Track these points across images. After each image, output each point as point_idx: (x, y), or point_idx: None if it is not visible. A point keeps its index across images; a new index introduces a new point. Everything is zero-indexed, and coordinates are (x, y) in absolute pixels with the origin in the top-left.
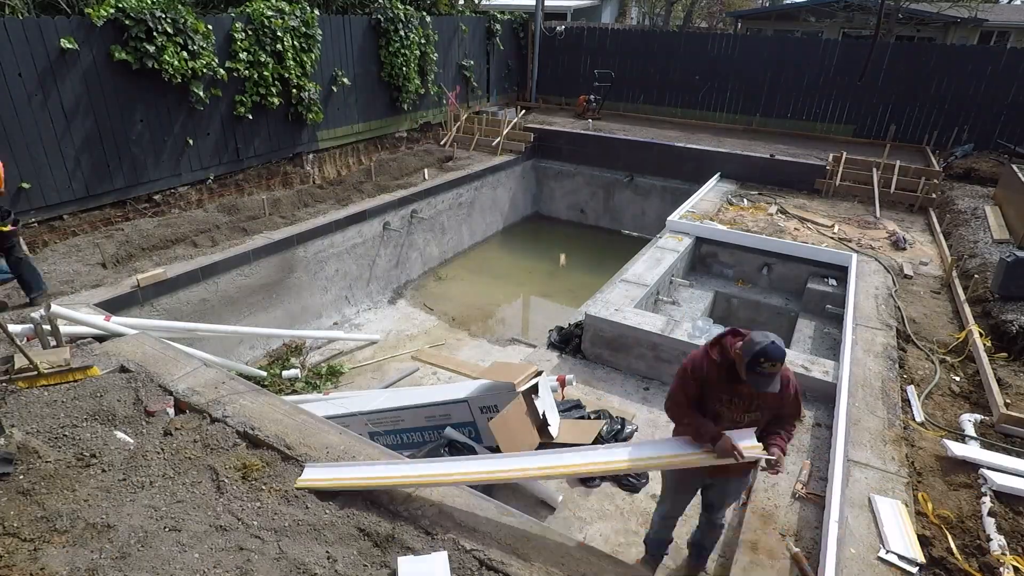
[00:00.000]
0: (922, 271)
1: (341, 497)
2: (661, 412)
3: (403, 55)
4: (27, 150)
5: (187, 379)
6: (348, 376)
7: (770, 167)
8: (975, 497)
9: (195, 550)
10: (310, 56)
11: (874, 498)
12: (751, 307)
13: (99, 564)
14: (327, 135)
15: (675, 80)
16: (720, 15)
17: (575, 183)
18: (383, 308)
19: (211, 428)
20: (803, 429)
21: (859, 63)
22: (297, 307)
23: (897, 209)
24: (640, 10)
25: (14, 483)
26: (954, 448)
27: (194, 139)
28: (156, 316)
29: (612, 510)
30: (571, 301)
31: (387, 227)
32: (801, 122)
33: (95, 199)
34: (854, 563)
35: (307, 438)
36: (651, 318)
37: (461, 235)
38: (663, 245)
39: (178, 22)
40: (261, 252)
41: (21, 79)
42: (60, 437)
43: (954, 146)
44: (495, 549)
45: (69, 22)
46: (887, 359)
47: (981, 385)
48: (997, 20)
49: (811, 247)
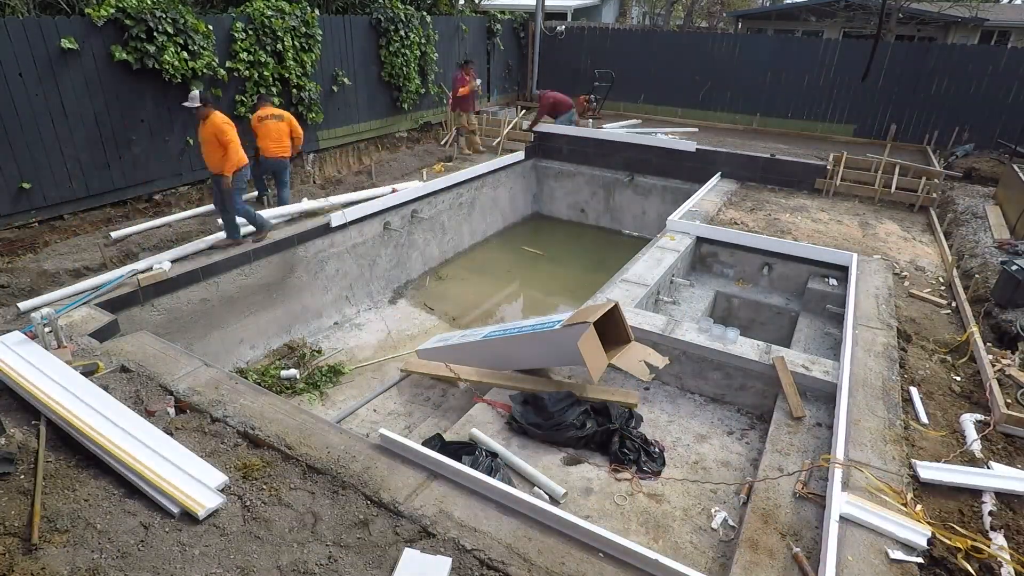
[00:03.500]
0: (922, 271)
1: (342, 496)
2: (662, 412)
3: (403, 55)
4: (28, 150)
5: (187, 379)
6: (348, 376)
7: (771, 167)
8: (975, 497)
9: (195, 549)
10: (310, 56)
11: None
12: (751, 307)
13: (100, 564)
14: (327, 135)
15: (676, 80)
16: (720, 15)
17: (575, 183)
18: (384, 308)
19: (212, 428)
20: (803, 429)
21: (860, 63)
22: (298, 307)
23: (898, 209)
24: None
25: (14, 483)
26: (923, 471)
27: (194, 139)
28: (156, 316)
29: (612, 509)
30: (571, 301)
31: (387, 227)
32: (802, 122)
33: (96, 199)
34: (854, 563)
35: (308, 438)
36: (651, 318)
37: (461, 235)
38: (663, 245)
39: (178, 22)
40: (261, 252)
41: (22, 79)
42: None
43: (955, 146)
44: (496, 549)
45: (69, 22)
46: (888, 359)
47: (981, 385)
48: (998, 20)
49: (811, 247)
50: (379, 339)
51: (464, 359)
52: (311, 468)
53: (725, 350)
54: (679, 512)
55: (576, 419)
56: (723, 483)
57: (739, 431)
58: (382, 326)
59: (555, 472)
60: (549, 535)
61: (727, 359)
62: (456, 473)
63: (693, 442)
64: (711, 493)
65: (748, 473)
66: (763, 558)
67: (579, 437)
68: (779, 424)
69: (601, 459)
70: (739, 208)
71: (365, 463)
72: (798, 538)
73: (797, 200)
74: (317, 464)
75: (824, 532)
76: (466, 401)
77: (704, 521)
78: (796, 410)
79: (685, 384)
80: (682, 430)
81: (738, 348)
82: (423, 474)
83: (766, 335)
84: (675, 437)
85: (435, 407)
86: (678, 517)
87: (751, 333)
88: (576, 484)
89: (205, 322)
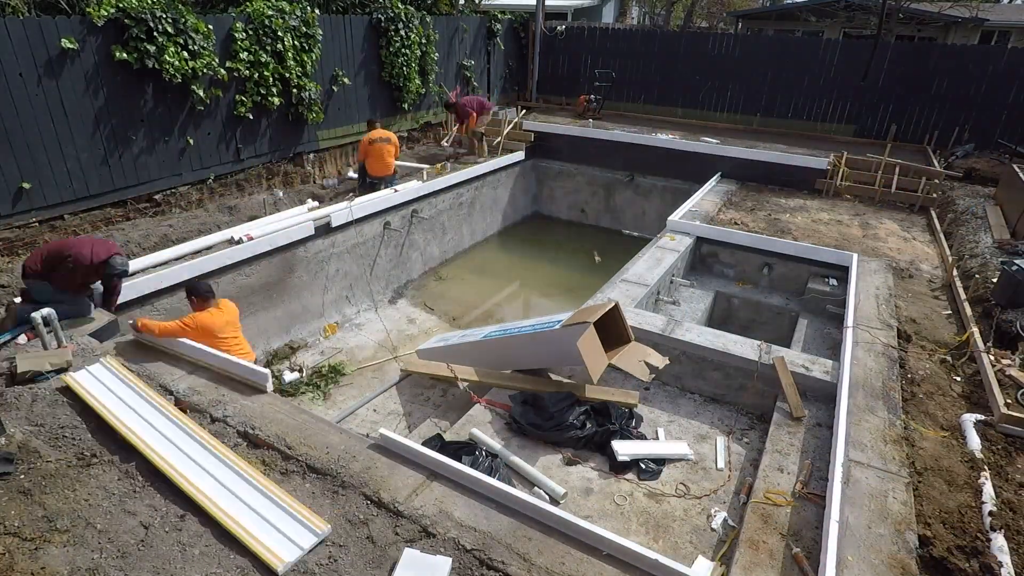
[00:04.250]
0: (923, 271)
1: (342, 496)
2: (662, 412)
3: (404, 55)
4: (28, 149)
5: (188, 379)
6: (349, 377)
7: (771, 167)
8: (976, 497)
9: (196, 548)
10: (310, 56)
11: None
12: (751, 307)
13: (100, 564)
14: (328, 135)
15: (676, 80)
16: (721, 15)
17: (575, 183)
18: (384, 308)
19: (212, 428)
20: (803, 429)
21: (860, 63)
22: (298, 307)
23: (898, 209)
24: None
25: (15, 483)
26: None
27: (194, 139)
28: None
29: (612, 509)
30: (571, 301)
31: (388, 227)
32: (802, 122)
33: (96, 199)
34: (854, 563)
35: (308, 438)
36: (652, 318)
37: (461, 235)
38: (664, 245)
39: (178, 22)
40: (262, 252)
41: (22, 79)
42: (61, 437)
43: (955, 146)
44: (496, 549)
45: (70, 22)
46: (887, 359)
47: (981, 385)
48: (998, 20)
49: (811, 247)
50: (379, 339)
51: (464, 359)
52: (311, 468)
53: (725, 350)
54: (679, 512)
55: (576, 419)
56: (723, 483)
57: (739, 431)
58: (382, 326)
59: (555, 472)
60: (549, 535)
61: (727, 359)
62: (456, 473)
63: (693, 442)
64: (711, 493)
65: (748, 473)
66: (763, 558)
67: (579, 437)
68: (779, 424)
69: (601, 459)
70: (739, 208)
71: (365, 463)
72: (798, 538)
73: (797, 200)
74: (317, 464)
75: (824, 532)
76: (466, 401)
77: (704, 521)
78: (796, 410)
79: (685, 384)
80: (682, 430)
81: (738, 348)
82: (423, 474)
83: (766, 335)
84: (675, 437)
85: (435, 407)
86: (678, 517)
87: (751, 333)
88: (576, 484)
89: None
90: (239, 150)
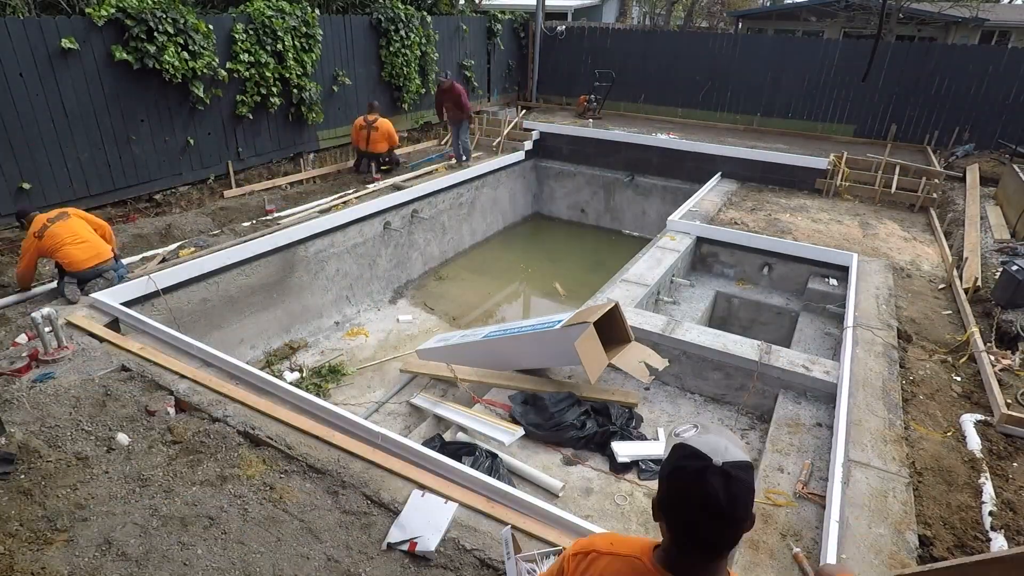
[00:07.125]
0: (923, 270)
1: (342, 496)
2: (662, 412)
3: (404, 55)
4: (28, 150)
5: (188, 378)
6: (349, 377)
7: (771, 167)
8: (976, 497)
9: (196, 548)
10: (311, 56)
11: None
12: (752, 307)
13: (100, 564)
14: (328, 135)
15: (676, 80)
16: (721, 15)
17: (576, 183)
18: (384, 307)
19: (212, 428)
20: (803, 429)
21: (860, 63)
22: (298, 307)
23: (898, 209)
24: (641, 10)
25: (15, 483)
26: None
27: (195, 139)
28: (156, 316)
29: (612, 509)
30: (571, 301)
31: (388, 227)
32: (802, 122)
33: (96, 199)
34: (855, 563)
35: (308, 438)
36: (652, 318)
37: (462, 235)
38: (664, 245)
39: (179, 22)
40: (262, 252)
41: (22, 79)
42: (61, 436)
43: (955, 146)
44: (496, 549)
45: (70, 22)
46: (888, 359)
47: (982, 385)
48: (998, 20)
49: (812, 247)
50: (379, 339)
51: (464, 359)
52: (311, 468)
53: (725, 350)
54: None
55: (576, 419)
56: None
57: (739, 431)
58: (382, 326)
59: (555, 472)
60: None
61: (727, 359)
62: (456, 473)
63: None
64: None
65: None
66: (763, 558)
67: (579, 437)
68: (779, 424)
69: (601, 459)
70: (739, 208)
71: (365, 463)
72: (798, 538)
73: (797, 200)
74: (317, 464)
75: (824, 532)
76: (466, 401)
77: None
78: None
79: (685, 384)
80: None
81: (738, 348)
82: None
83: (766, 335)
84: None
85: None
86: None
87: (751, 333)
88: (576, 484)
89: (205, 322)
90: (239, 150)
